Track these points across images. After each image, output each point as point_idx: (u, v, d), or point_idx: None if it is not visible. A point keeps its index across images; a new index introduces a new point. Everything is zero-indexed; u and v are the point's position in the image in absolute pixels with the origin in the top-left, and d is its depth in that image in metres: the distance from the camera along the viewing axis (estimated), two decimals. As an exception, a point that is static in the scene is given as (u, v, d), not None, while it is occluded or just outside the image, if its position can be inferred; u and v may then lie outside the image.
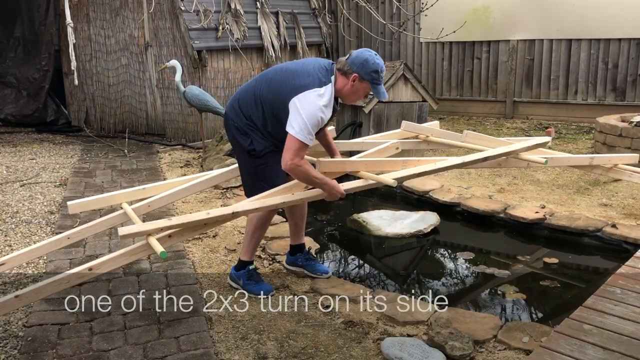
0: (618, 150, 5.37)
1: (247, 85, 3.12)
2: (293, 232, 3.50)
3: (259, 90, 2.99)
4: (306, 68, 2.91)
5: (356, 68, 2.84)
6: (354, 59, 2.86)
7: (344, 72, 2.87)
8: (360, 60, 2.84)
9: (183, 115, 7.16)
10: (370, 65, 2.84)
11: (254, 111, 3.00)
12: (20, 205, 4.67)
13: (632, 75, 7.42)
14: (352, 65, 2.85)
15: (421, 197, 4.93)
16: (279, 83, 2.92)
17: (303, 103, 2.77)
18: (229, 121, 3.11)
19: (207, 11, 6.85)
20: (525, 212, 4.31)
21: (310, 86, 2.81)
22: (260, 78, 3.07)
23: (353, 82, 2.87)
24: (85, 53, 7.97)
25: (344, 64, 2.87)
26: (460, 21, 7.83)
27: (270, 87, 2.95)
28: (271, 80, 2.98)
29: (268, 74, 3.04)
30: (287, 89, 2.85)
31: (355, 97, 2.98)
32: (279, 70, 3.01)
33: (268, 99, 2.95)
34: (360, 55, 2.86)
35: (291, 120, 2.79)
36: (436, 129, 4.30)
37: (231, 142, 3.19)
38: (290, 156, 2.79)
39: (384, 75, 2.95)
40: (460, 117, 8.68)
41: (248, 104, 3.02)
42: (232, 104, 3.10)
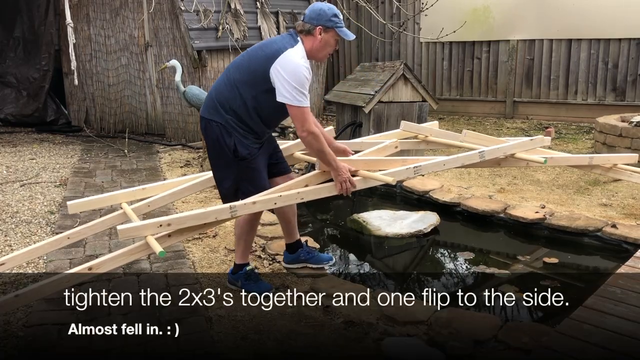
0: (618, 150, 5.37)
1: (217, 82, 3.05)
2: (287, 231, 3.51)
3: (232, 78, 2.94)
4: (270, 39, 2.99)
5: (316, 22, 2.90)
6: (310, 15, 2.92)
7: (307, 31, 2.91)
8: (316, 12, 2.91)
9: (183, 115, 7.16)
10: (327, 12, 2.91)
11: (233, 101, 2.92)
12: (20, 205, 4.67)
13: (632, 75, 7.42)
14: (310, 20, 2.91)
15: (421, 197, 4.93)
16: (248, 61, 2.92)
17: (284, 66, 2.79)
18: (210, 123, 2.96)
19: (207, 11, 6.85)
20: (525, 212, 4.31)
21: (282, 49, 2.83)
22: (228, 69, 3.03)
23: (320, 35, 2.91)
24: (85, 53, 7.97)
25: (303, 25, 2.92)
26: (460, 21, 7.83)
27: (242, 69, 2.93)
28: (239, 64, 2.97)
29: (234, 62, 3.03)
30: (261, 62, 2.85)
31: (327, 49, 2.99)
32: (244, 54, 3.01)
33: (244, 80, 2.90)
34: (314, 9, 2.93)
35: (280, 90, 2.80)
36: (435, 128, 4.30)
37: (212, 145, 3.01)
38: (300, 126, 2.84)
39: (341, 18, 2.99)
40: (460, 117, 8.68)
41: (225, 96, 2.94)
42: (210, 104, 2.99)
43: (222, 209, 2.96)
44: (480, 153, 3.60)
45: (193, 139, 7.11)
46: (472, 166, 3.69)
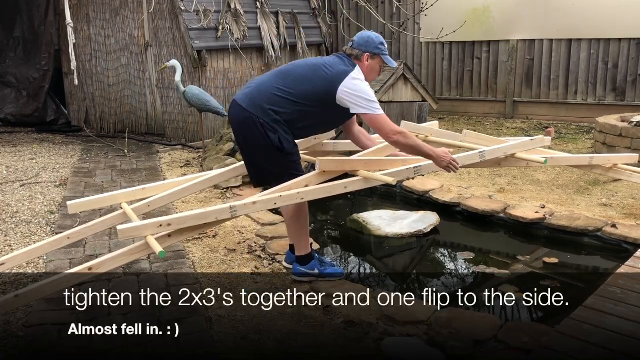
0: (618, 150, 5.37)
1: (266, 84, 3.10)
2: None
3: (288, 88, 3.05)
4: (329, 60, 3.15)
5: (364, 48, 3.14)
6: (359, 42, 3.15)
7: (355, 56, 3.15)
8: (364, 40, 3.15)
9: (183, 115, 7.16)
10: (375, 40, 3.16)
11: (284, 108, 3.04)
12: (20, 205, 4.67)
13: (632, 75, 7.42)
14: (359, 47, 3.15)
15: (421, 197, 4.93)
16: (310, 78, 3.06)
17: (350, 86, 3.03)
18: (252, 117, 3.04)
19: (207, 11, 6.85)
20: (525, 212, 4.31)
21: (346, 72, 3.06)
22: (283, 76, 3.10)
23: (367, 62, 3.15)
24: (85, 53, 7.96)
25: (351, 50, 3.16)
26: (460, 21, 7.83)
27: (301, 83, 3.05)
28: (299, 77, 3.07)
29: (291, 72, 3.12)
30: (325, 83, 3.04)
31: (374, 74, 3.25)
32: (302, 66, 3.15)
33: (302, 95, 3.04)
34: (363, 37, 3.17)
35: (355, 106, 3.04)
36: (435, 128, 4.29)
37: (251, 139, 3.10)
38: (387, 131, 3.07)
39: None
40: (460, 117, 8.68)
41: (276, 101, 3.04)
42: (256, 103, 3.05)
43: (222, 209, 2.96)
44: (481, 153, 3.60)
45: (193, 139, 7.11)
46: (472, 166, 3.69)
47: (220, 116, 6.31)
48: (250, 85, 3.18)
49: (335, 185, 3.18)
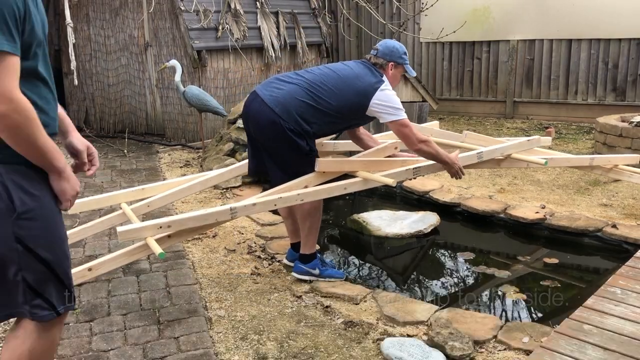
0: (618, 151, 5.37)
1: (296, 92, 3.10)
2: (293, 231, 3.50)
3: (319, 98, 3.09)
4: (358, 70, 3.21)
5: (389, 57, 3.24)
6: (384, 51, 3.24)
7: (380, 65, 3.24)
8: (389, 49, 3.24)
9: (183, 115, 7.15)
10: (399, 49, 3.27)
11: (317, 119, 3.10)
12: (20, 206, 4.67)
13: (632, 75, 7.42)
14: (384, 56, 3.24)
15: (421, 197, 4.93)
16: (340, 88, 3.11)
17: (382, 98, 3.12)
18: (283, 124, 3.02)
19: (207, 11, 6.85)
20: (525, 212, 4.31)
21: (376, 85, 3.15)
22: (314, 86, 3.11)
23: (391, 71, 3.25)
24: (84, 53, 7.96)
25: (376, 58, 3.24)
26: (460, 21, 7.83)
27: (331, 93, 3.10)
28: (330, 86, 3.11)
29: (321, 80, 3.14)
30: (356, 95, 3.12)
31: (395, 82, 3.33)
32: (330, 74, 3.17)
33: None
34: (387, 46, 3.26)
35: (385, 115, 3.13)
36: (436, 129, 4.29)
37: (277, 140, 3.09)
38: (413, 140, 3.15)
39: None
40: (460, 117, 8.68)
41: (309, 113, 3.07)
42: (288, 110, 3.04)
43: (222, 211, 2.96)
44: (479, 154, 3.60)
45: (193, 139, 7.11)
46: (472, 167, 3.68)
47: (220, 116, 6.31)
48: (280, 87, 3.13)
49: (335, 186, 3.18)
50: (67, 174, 1.67)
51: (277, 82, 3.18)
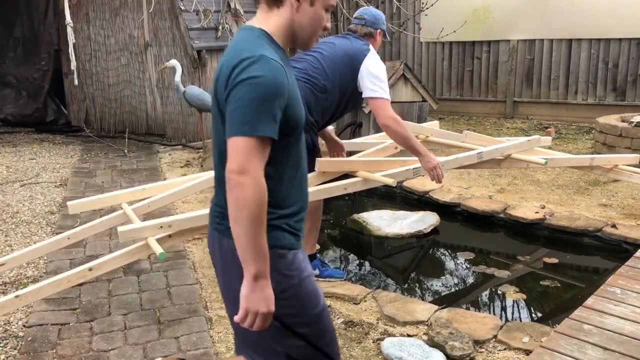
0: (618, 150, 5.37)
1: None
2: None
3: (318, 83, 3.00)
4: (341, 40, 3.15)
5: (377, 25, 3.20)
6: (372, 20, 3.18)
7: (369, 34, 3.18)
8: (375, 17, 3.20)
9: (183, 115, 7.16)
10: (382, 15, 3.26)
11: (317, 105, 3.03)
12: (21, 206, 4.67)
13: (632, 75, 7.42)
14: (372, 25, 3.18)
15: (421, 197, 4.93)
16: (331, 67, 3.02)
17: (371, 65, 3.03)
18: None
19: (207, 11, 6.85)
20: (525, 212, 4.31)
21: (366, 49, 3.07)
22: (306, 75, 3.03)
23: (378, 38, 3.23)
24: (85, 53, 7.97)
25: (365, 28, 3.17)
26: (460, 21, 7.83)
27: (324, 73, 3.01)
28: (320, 67, 3.03)
29: (311, 66, 3.05)
30: (345, 63, 3.03)
31: (377, 48, 3.25)
32: (316, 56, 3.07)
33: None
34: (373, 14, 3.21)
35: (368, 85, 3.00)
36: (436, 129, 4.29)
37: None
38: (382, 114, 2.98)
39: None
40: (460, 117, 8.68)
41: (309, 100, 2.99)
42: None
43: (222, 210, 2.96)
44: (479, 154, 3.60)
45: (193, 139, 7.11)
46: (472, 167, 3.69)
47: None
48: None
49: (335, 186, 3.18)
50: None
51: None
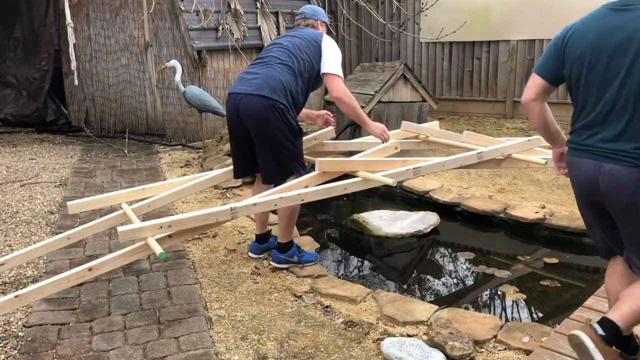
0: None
1: (273, 67, 3.22)
2: (263, 222, 3.61)
3: (291, 64, 3.22)
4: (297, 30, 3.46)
5: (317, 17, 3.53)
6: (310, 13, 3.52)
7: (312, 25, 3.51)
8: (313, 10, 3.55)
9: (183, 115, 7.16)
10: (321, 10, 3.60)
11: (293, 85, 3.21)
12: (20, 205, 4.67)
13: (632, 75, 7.41)
14: (312, 17, 3.52)
15: (421, 197, 4.93)
16: (302, 50, 3.27)
17: (330, 44, 3.32)
18: (277, 104, 3.12)
19: (207, 11, 6.85)
20: (525, 212, 4.31)
21: (320, 33, 3.42)
22: (278, 59, 3.25)
23: (321, 28, 3.52)
24: (85, 53, 7.97)
25: (307, 20, 3.51)
26: (460, 21, 7.83)
27: (297, 57, 3.24)
28: (294, 51, 3.27)
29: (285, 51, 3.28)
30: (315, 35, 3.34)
31: None
32: (286, 43, 3.34)
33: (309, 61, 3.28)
34: (311, 7, 3.58)
35: (327, 61, 3.26)
36: (436, 129, 4.29)
37: (271, 125, 3.15)
38: (338, 87, 3.26)
39: None
40: (460, 117, 8.68)
41: (288, 81, 3.19)
42: (278, 87, 3.15)
43: (222, 211, 2.96)
44: (479, 154, 3.61)
45: (193, 139, 7.12)
46: (472, 167, 3.69)
47: (220, 116, 6.31)
48: (255, 77, 3.20)
49: (335, 186, 3.18)
50: None
51: (248, 75, 3.27)
